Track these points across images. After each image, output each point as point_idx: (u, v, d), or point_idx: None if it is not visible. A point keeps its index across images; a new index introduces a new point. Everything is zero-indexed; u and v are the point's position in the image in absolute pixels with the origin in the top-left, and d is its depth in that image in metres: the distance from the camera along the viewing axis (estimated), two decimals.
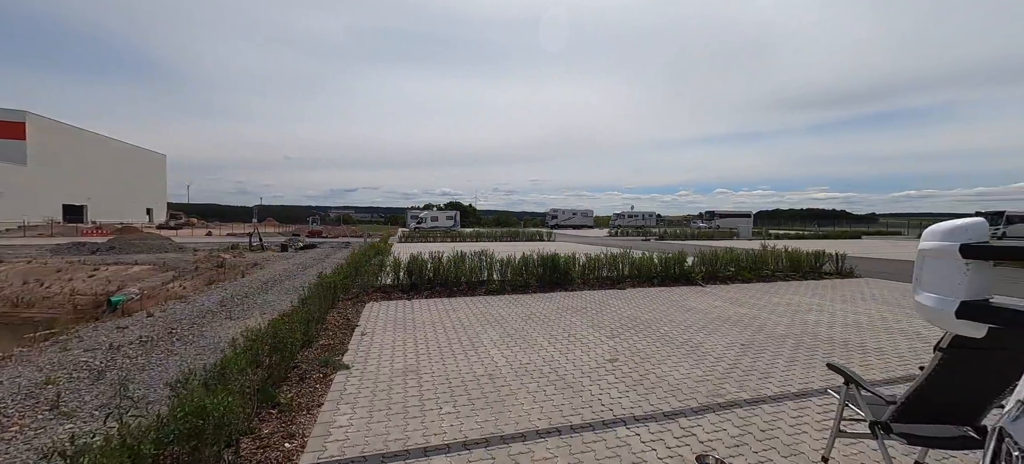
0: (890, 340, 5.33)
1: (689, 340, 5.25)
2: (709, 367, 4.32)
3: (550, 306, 7.21)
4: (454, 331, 5.65)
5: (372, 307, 7.08)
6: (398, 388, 3.79)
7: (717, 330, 5.72)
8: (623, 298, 7.89)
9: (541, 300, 7.71)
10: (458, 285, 8.57)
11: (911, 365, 4.44)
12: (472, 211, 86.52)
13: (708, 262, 10.11)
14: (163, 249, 22.23)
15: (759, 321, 6.23)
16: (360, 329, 5.71)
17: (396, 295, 8.00)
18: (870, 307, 7.25)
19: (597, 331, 5.65)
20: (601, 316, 6.50)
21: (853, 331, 5.73)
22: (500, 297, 7.97)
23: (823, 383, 3.93)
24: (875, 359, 4.64)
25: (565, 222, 63.93)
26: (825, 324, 6.09)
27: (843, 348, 5.00)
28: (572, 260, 9.50)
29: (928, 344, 5.13)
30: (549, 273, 9.00)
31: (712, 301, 7.66)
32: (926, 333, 5.63)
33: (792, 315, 6.63)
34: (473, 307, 7.10)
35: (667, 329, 5.77)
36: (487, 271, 9.20)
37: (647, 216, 65.88)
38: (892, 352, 4.87)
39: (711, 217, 54.20)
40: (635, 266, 9.73)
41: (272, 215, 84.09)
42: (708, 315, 6.60)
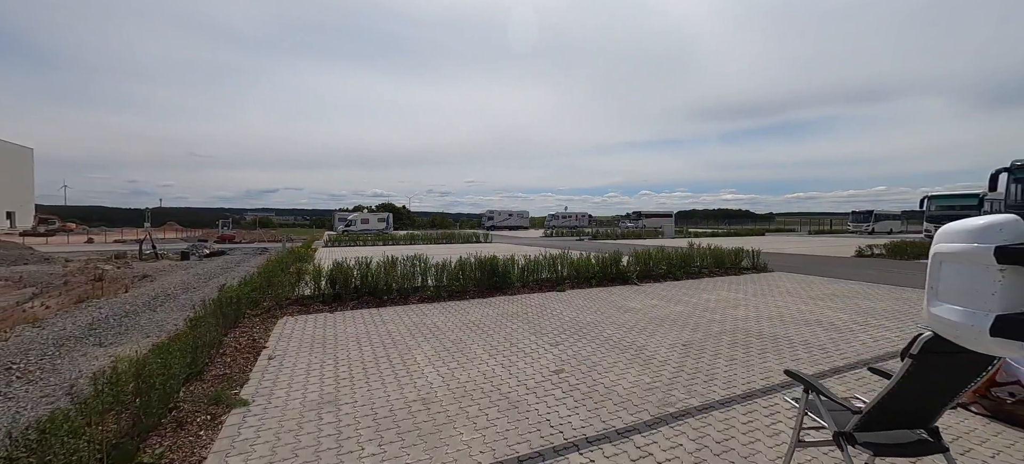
0: (811, 333, 5.62)
1: (633, 343, 5.12)
2: (656, 372, 4.17)
3: (489, 312, 6.79)
4: (383, 347, 5.01)
5: (286, 323, 6.16)
6: (310, 426, 3.14)
7: (657, 330, 5.67)
8: (563, 301, 7.70)
9: (480, 306, 7.26)
10: (389, 293, 7.84)
11: (834, 358, 4.64)
12: (406, 213, 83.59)
13: (642, 262, 10.34)
14: (23, 260, 18.47)
15: (694, 319, 6.33)
16: (268, 352, 4.85)
17: (316, 308, 7.10)
18: (788, 301, 7.74)
19: (539, 338, 5.34)
20: (542, 321, 6.21)
21: (778, 325, 5.99)
22: (436, 305, 7.39)
23: (763, 383, 3.93)
24: (802, 352, 4.81)
25: (501, 223, 64.07)
26: (753, 319, 6.33)
27: (772, 342, 5.16)
28: (511, 263, 9.17)
29: (845, 335, 5.48)
30: (488, 277, 8.59)
31: (649, 300, 7.74)
32: (842, 324, 6.05)
33: (722, 311, 6.85)
34: (405, 318, 6.46)
35: (610, 332, 5.62)
36: (421, 277, 8.56)
37: (580, 217, 68.16)
38: (816, 345, 5.10)
39: (638, 217, 57.36)
40: (574, 267, 9.65)
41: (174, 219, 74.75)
42: (647, 315, 6.60)
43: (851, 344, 5.10)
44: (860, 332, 5.62)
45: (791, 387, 3.79)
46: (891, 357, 4.63)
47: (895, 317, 6.44)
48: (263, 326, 5.99)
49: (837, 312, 6.77)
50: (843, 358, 4.60)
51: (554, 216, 65.72)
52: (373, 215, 51.31)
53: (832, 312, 6.77)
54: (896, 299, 7.84)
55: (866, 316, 6.50)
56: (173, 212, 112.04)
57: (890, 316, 6.50)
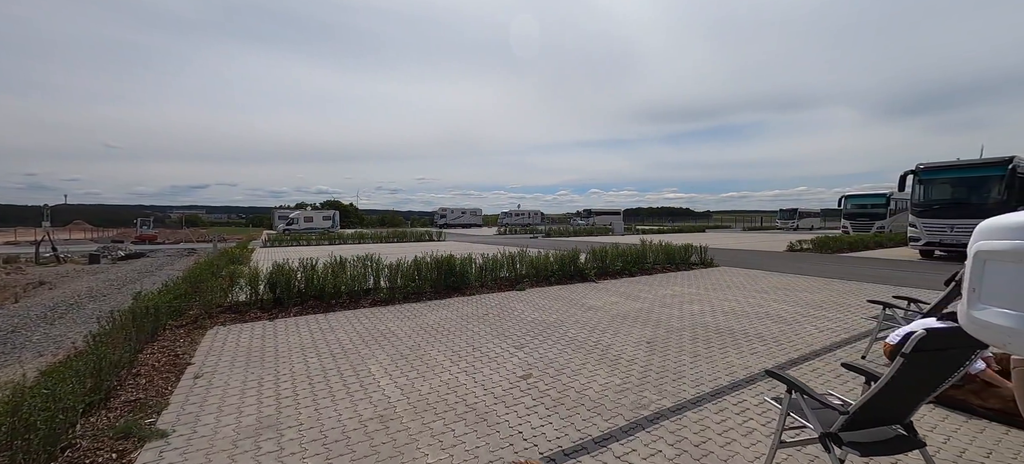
0: (763, 326, 5.83)
1: (598, 342, 5.02)
2: (625, 373, 4.07)
3: (448, 314, 6.45)
4: (332, 358, 4.54)
5: (217, 335, 5.46)
6: (246, 458, 2.69)
7: (621, 328, 5.64)
8: (524, 300, 7.52)
9: (437, 308, 6.90)
10: (337, 297, 7.25)
11: (788, 349, 4.81)
12: (354, 211, 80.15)
13: (599, 259, 10.42)
14: None
15: (654, 315, 6.38)
16: (194, 370, 4.23)
17: (253, 315, 6.39)
18: (737, 295, 8.07)
19: (503, 340, 5.10)
20: (504, 322, 5.98)
21: (732, 319, 6.18)
22: (390, 308, 6.93)
23: (729, 379, 3.95)
24: (758, 344, 4.95)
25: (454, 221, 63.19)
26: (709, 313, 6.49)
27: (730, 337, 5.27)
28: (469, 261, 8.85)
29: (793, 327, 5.73)
30: (445, 277, 8.22)
31: (609, 297, 7.75)
32: (789, 316, 6.34)
33: (679, 306, 6.98)
34: (357, 323, 5.97)
35: (574, 332, 5.50)
36: (374, 278, 8.03)
37: (533, 214, 68.75)
38: (769, 337, 5.28)
39: (588, 215, 58.78)
40: (532, 266, 9.51)
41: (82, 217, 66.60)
42: (609, 312, 6.57)
43: (800, 335, 5.34)
44: (806, 323, 5.91)
45: (755, 383, 3.84)
46: (838, 347, 4.87)
47: (833, 308, 6.87)
48: (188, 339, 5.27)
49: (782, 305, 7.12)
50: (796, 350, 4.77)
51: (507, 214, 65.77)
52: (318, 213, 48.52)
53: (777, 305, 7.11)
54: (831, 291, 8.42)
55: (808, 308, 6.89)
56: (82, 209, 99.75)
57: (828, 307, 6.94)
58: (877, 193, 27.06)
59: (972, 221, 13.86)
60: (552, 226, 49.19)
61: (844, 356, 4.54)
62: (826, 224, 51.82)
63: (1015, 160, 13.23)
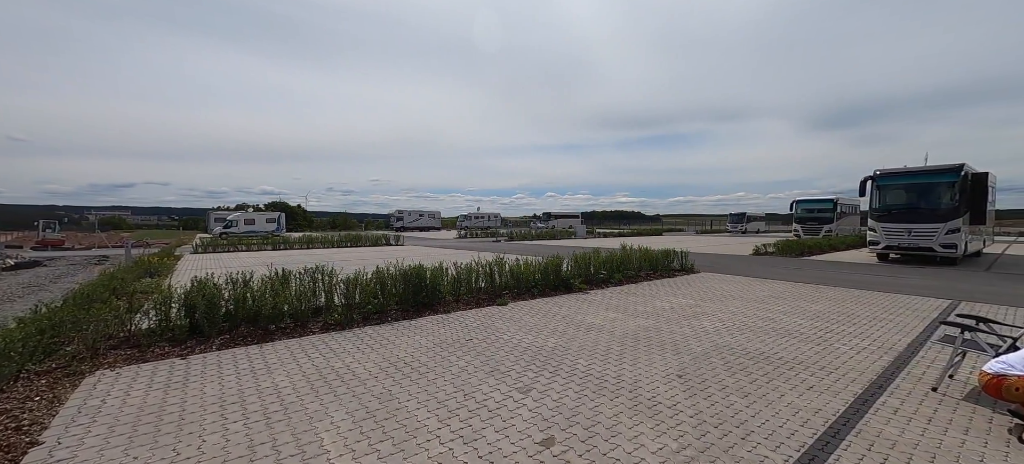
0: (793, 347, 5.08)
1: (620, 379, 4.01)
2: (674, 429, 3.08)
3: (422, 341, 5.21)
4: (265, 420, 3.20)
5: (98, 385, 3.90)
6: None
7: (638, 356, 4.67)
8: (510, 318, 6.40)
9: (407, 332, 5.62)
10: (279, 320, 5.77)
11: (842, 378, 4.03)
12: (302, 213, 75.19)
13: (582, 266, 9.51)
14: None
15: (666, 335, 5.49)
16: (45, 447, 2.75)
17: (159, 351, 4.82)
18: (737, 305, 7.41)
19: (501, 380, 3.96)
20: (495, 351, 4.84)
21: (752, 337, 5.40)
22: (347, 334, 5.56)
23: (806, 429, 3.06)
24: (804, 374, 4.14)
25: (412, 224, 60.76)
26: (724, 331, 5.70)
27: (766, 364, 4.45)
28: (441, 272, 7.61)
29: (825, 347, 5.01)
30: (413, 292, 6.93)
31: (605, 312, 6.81)
32: (810, 333, 5.67)
33: (686, 322, 6.16)
34: (303, 358, 4.59)
35: (584, 362, 4.46)
36: (325, 294, 6.59)
37: (492, 217, 67.66)
38: (811, 364, 4.50)
39: (548, 218, 58.65)
40: (512, 275, 8.42)
41: None
42: (612, 333, 5.61)
43: (840, 358, 4.61)
44: (834, 342, 5.24)
45: (840, 435, 2.96)
46: (897, 373, 4.16)
47: (845, 320, 6.32)
48: (51, 394, 3.68)
49: (792, 318, 6.50)
50: (851, 380, 4.00)
51: (467, 217, 64.20)
52: (261, 215, 44.48)
53: (787, 318, 6.48)
54: (827, 299, 7.98)
55: (819, 321, 6.29)
56: None
57: (839, 319, 6.38)
58: (825, 198, 28.45)
59: (929, 225, 14.45)
60: (514, 229, 48.34)
61: (911, 386, 3.82)
62: (770, 228, 54.81)
63: (965, 167, 13.87)
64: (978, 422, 3.17)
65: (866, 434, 2.99)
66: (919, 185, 14.69)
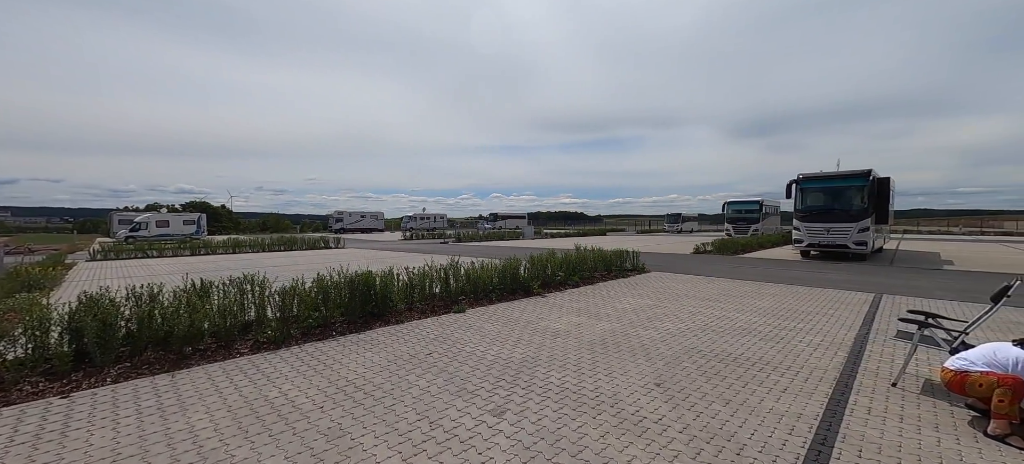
0: (755, 346, 5.13)
1: (598, 392, 3.74)
2: (666, 447, 2.83)
3: (375, 358, 4.62)
4: None
5: None
6: None
7: (611, 364, 4.45)
8: (470, 328, 5.96)
9: (356, 348, 4.99)
10: (197, 342, 4.88)
11: (809, 378, 4.07)
12: (226, 214, 68.74)
13: (539, 268, 9.27)
14: None
15: (633, 339, 5.35)
16: None
17: (31, 388, 3.81)
18: (695, 305, 7.52)
19: (469, 402, 3.53)
20: (458, 366, 4.39)
21: (717, 338, 5.42)
22: (283, 354, 4.82)
23: (795, 437, 2.95)
24: (775, 375, 4.13)
25: (353, 225, 57.72)
26: (688, 333, 5.67)
27: (736, 364, 4.42)
28: (391, 277, 6.98)
29: (786, 346, 5.11)
30: (361, 301, 6.25)
31: (568, 316, 6.58)
32: (768, 331, 5.80)
33: (650, 325, 6.09)
34: (229, 388, 3.84)
35: (556, 375, 4.15)
36: (256, 307, 5.73)
37: (438, 218, 66.20)
38: (778, 364, 4.53)
39: (495, 218, 58.44)
40: (470, 279, 7.96)
41: None
42: (579, 339, 5.37)
43: (801, 356, 4.69)
44: (793, 339, 5.38)
45: (826, 440, 2.88)
46: (857, 369, 4.27)
47: (794, 316, 6.59)
48: None
49: (745, 315, 6.67)
50: (818, 379, 4.04)
51: (412, 217, 62.24)
52: (177, 216, 39.79)
53: (741, 316, 6.64)
54: (771, 296, 8.38)
55: (772, 318, 6.51)
56: None
57: (789, 315, 6.65)
58: (752, 200, 30.81)
59: (843, 225, 15.96)
60: (461, 230, 47.55)
61: (872, 383, 3.91)
62: (703, 227, 58.73)
63: (872, 172, 15.48)
64: (943, 418, 3.26)
65: (851, 439, 2.94)
66: (834, 188, 16.19)
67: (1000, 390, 2.96)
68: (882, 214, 16.18)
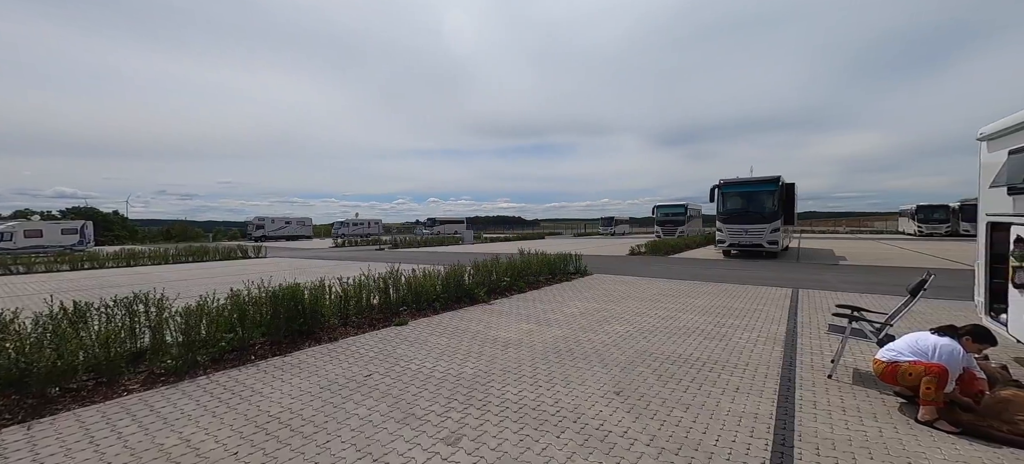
0: (701, 345, 5.24)
1: (558, 405, 3.52)
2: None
3: (304, 385, 4.02)
4: None
5: None
6: None
7: (568, 373, 4.26)
8: (415, 342, 5.49)
9: (282, 374, 4.33)
10: (67, 379, 3.92)
11: (754, 374, 4.18)
12: (119, 221, 60.05)
13: (484, 274, 8.97)
14: None
15: (585, 345, 5.23)
16: None
17: None
18: (639, 306, 7.65)
19: (419, 431, 3.13)
20: (404, 387, 3.95)
21: (666, 340, 5.47)
22: (188, 387, 4.03)
23: (757, 440, 2.93)
24: (724, 374, 4.20)
25: (276, 232, 53.22)
26: (637, 335, 5.69)
27: (688, 366, 4.44)
28: (322, 289, 6.28)
29: (728, 343, 5.28)
30: (286, 318, 5.52)
31: (517, 324, 6.34)
32: (710, 330, 5.98)
33: (599, 329, 6.04)
34: (109, 440, 3.07)
35: (512, 390, 3.87)
36: (152, 330, 4.80)
37: (373, 224, 63.25)
38: (726, 362, 4.63)
39: (433, 223, 57.08)
40: (411, 288, 7.44)
41: None
42: (533, 348, 5.14)
43: (744, 351, 4.86)
44: (733, 335, 5.59)
45: (784, 437, 2.90)
46: (796, 362, 4.48)
47: (729, 314, 6.92)
48: None
49: (687, 314, 6.89)
50: (763, 375, 4.17)
51: (344, 223, 58.62)
52: (53, 224, 33.84)
53: (683, 315, 6.85)
54: (706, 294, 8.80)
55: (709, 316, 6.78)
56: None
57: (724, 313, 6.97)
58: (678, 204, 32.99)
59: (758, 226, 17.52)
60: (398, 236, 45.79)
61: (811, 377, 4.10)
62: (634, 229, 62.00)
63: (780, 178, 17.15)
64: (878, 407, 3.45)
65: (807, 437, 2.99)
66: (750, 193, 17.73)
67: (927, 378, 3.17)
68: (789, 216, 18.00)
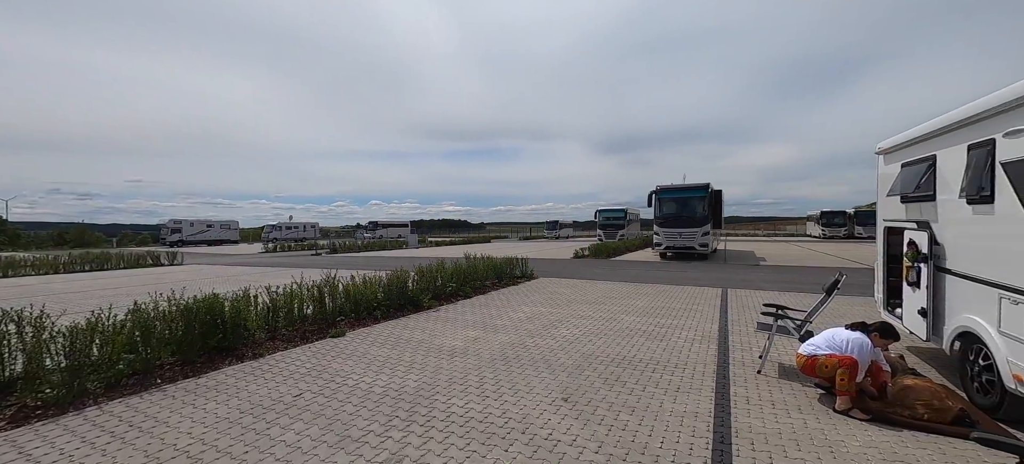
0: (643, 345, 5.39)
1: (505, 417, 3.41)
2: None
3: (222, 411, 3.57)
4: None
5: None
6: None
7: (515, 381, 4.16)
8: (352, 354, 5.13)
9: (194, 400, 3.82)
10: None
11: (692, 374, 4.35)
12: None
13: (429, 280, 8.68)
14: None
15: (532, 351, 5.18)
16: None
17: None
18: (583, 309, 7.77)
19: (356, 455, 2.87)
20: (340, 406, 3.63)
21: (610, 342, 5.57)
22: (70, 422, 3.42)
23: (696, 439, 3.02)
24: (666, 374, 4.33)
25: (196, 237, 48.44)
26: (583, 339, 5.74)
27: (631, 367, 4.53)
28: (246, 300, 5.70)
29: (668, 342, 5.48)
30: (202, 334, 4.92)
31: (464, 331, 6.16)
32: (653, 330, 6.18)
33: (547, 333, 6.03)
34: None
35: (460, 402, 3.70)
36: (25, 354, 4.03)
37: (309, 227, 59.54)
38: (668, 361, 4.78)
39: (375, 227, 54.95)
40: (350, 296, 6.99)
41: None
42: (480, 356, 5.00)
43: (684, 351, 5.06)
44: (672, 335, 5.81)
45: (724, 438, 3.01)
46: (733, 360, 4.72)
47: (668, 314, 7.23)
48: None
49: (629, 316, 7.10)
50: (700, 375, 4.35)
51: (275, 227, 54.55)
52: None
53: (626, 317, 7.05)
54: (646, 296, 9.16)
55: (649, 316, 7.04)
56: None
57: (663, 313, 7.27)
58: (619, 209, 34.42)
59: (691, 229, 18.69)
60: (337, 241, 43.48)
61: (743, 373, 4.34)
62: (577, 233, 63.83)
63: (709, 185, 18.44)
64: (801, 399, 3.71)
65: (743, 433, 3.12)
66: (683, 199, 18.88)
67: (841, 370, 3.45)
68: (717, 220, 19.42)
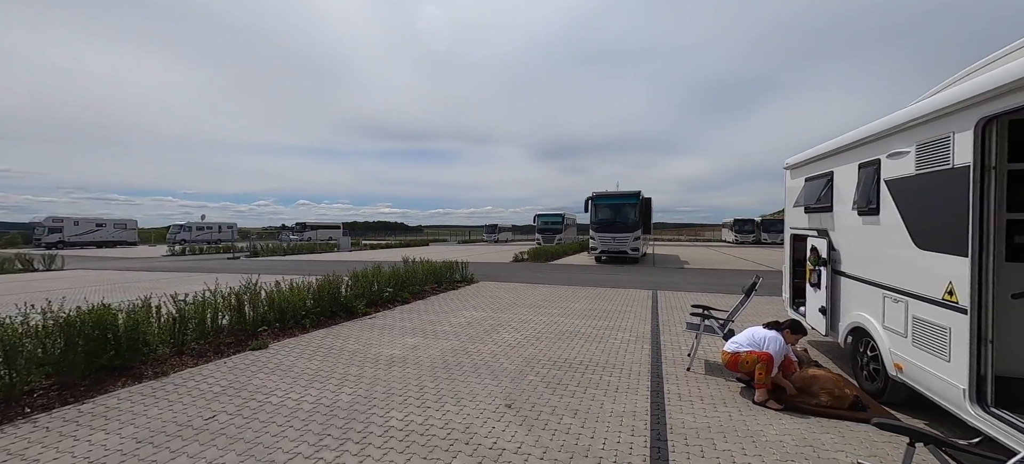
0: (584, 348, 5.52)
1: (450, 427, 3.29)
2: None
3: (112, 443, 3.06)
4: None
5: None
6: None
7: (458, 389, 4.05)
8: (277, 368, 4.68)
9: (77, 432, 3.24)
10: None
11: (628, 374, 4.53)
12: None
13: (365, 285, 8.24)
14: None
15: (475, 357, 5.10)
16: None
17: None
18: (525, 313, 7.81)
19: None
20: (262, 428, 3.28)
21: (551, 345, 5.64)
22: None
23: (632, 435, 3.13)
24: (606, 375, 4.46)
25: (83, 237, 41.93)
26: (524, 343, 5.76)
27: (572, 370, 4.62)
28: (147, 311, 5.00)
29: (607, 344, 5.66)
30: (89, 351, 4.21)
31: (403, 338, 5.90)
32: (593, 332, 6.36)
33: (487, 338, 5.97)
34: None
35: (399, 415, 3.51)
36: None
37: (225, 228, 54.15)
38: (607, 363, 4.92)
39: (304, 229, 51.46)
40: (274, 303, 6.40)
41: None
42: (420, 364, 4.81)
43: (621, 352, 5.25)
44: (610, 337, 6.02)
45: (676, 429, 3.15)
46: (664, 360, 4.98)
47: (605, 316, 7.50)
48: None
49: (568, 319, 7.26)
50: (635, 375, 4.54)
51: (184, 227, 48.88)
52: None
53: (565, 320, 7.20)
54: (584, 299, 9.44)
55: (588, 319, 7.25)
56: None
57: (600, 315, 7.53)
58: (556, 214, 35.34)
59: (623, 234, 19.67)
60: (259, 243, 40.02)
61: (675, 370, 4.60)
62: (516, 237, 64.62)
63: (640, 192, 19.56)
64: (726, 394, 4.00)
65: (677, 429, 3.29)
66: (617, 205, 19.85)
67: (759, 365, 3.78)
68: (647, 226, 20.64)
